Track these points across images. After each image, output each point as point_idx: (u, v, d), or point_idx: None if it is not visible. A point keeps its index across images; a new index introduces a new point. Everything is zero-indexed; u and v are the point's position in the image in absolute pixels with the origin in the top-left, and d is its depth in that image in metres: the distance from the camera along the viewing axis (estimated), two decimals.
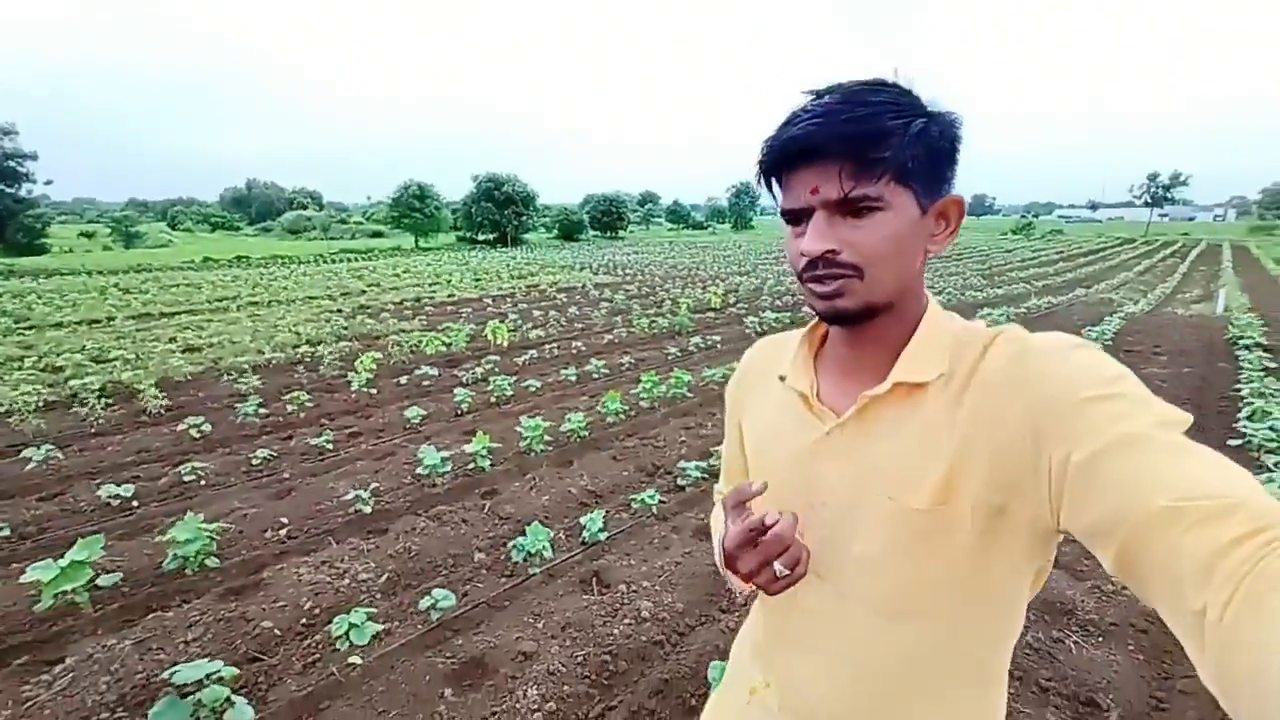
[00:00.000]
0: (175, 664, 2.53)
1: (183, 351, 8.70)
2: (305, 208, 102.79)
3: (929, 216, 0.60)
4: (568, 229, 54.22)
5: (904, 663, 0.65)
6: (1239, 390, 5.74)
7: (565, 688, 2.37)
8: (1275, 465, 3.76)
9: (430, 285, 17.43)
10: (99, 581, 2.89)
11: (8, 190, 32.62)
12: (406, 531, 3.60)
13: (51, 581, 2.71)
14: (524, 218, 46.10)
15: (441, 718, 2.24)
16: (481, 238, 46.00)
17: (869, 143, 0.54)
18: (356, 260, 32.52)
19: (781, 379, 0.72)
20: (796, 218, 0.60)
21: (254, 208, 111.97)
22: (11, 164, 33.07)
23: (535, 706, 2.28)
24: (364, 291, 16.44)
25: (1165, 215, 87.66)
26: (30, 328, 11.61)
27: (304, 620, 2.83)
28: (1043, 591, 1.94)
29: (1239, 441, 4.28)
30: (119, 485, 4.05)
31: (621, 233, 60.34)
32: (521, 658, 2.55)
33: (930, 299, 0.65)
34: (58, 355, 8.59)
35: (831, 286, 0.59)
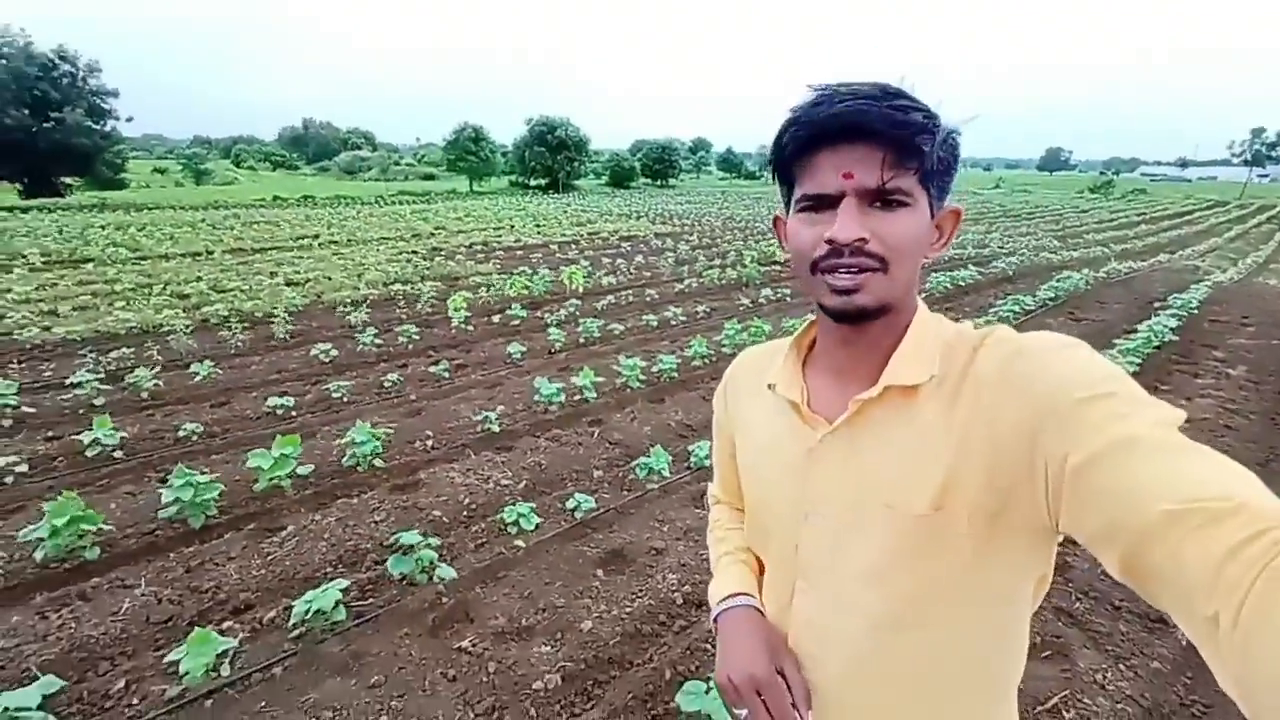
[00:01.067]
0: (372, 537, 3.12)
1: (287, 285, 9.45)
2: (359, 148, 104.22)
3: (933, 223, 0.60)
4: (619, 176, 53.69)
5: (906, 676, 0.63)
6: None
7: (696, 577, 2.84)
8: None
9: (495, 230, 17.91)
10: (299, 471, 3.49)
11: (95, 126, 34.34)
12: (530, 449, 4.11)
13: (270, 468, 3.32)
14: (576, 163, 45.86)
15: (598, 591, 2.74)
16: (534, 183, 46.12)
17: (914, 132, 0.54)
18: (415, 203, 33.26)
19: (771, 387, 0.71)
20: (819, 203, 0.58)
21: (311, 147, 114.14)
22: (97, 100, 34.75)
23: (674, 589, 2.76)
24: (432, 234, 17.04)
25: (1266, 176, 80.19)
26: (143, 258, 12.65)
27: (465, 512, 3.37)
28: None
29: None
30: (280, 397, 4.70)
31: (673, 181, 59.38)
32: (654, 552, 3.03)
33: (919, 302, 0.65)
34: (179, 285, 9.47)
35: (853, 280, 0.57)
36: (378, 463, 3.78)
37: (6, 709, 1.73)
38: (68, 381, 4.99)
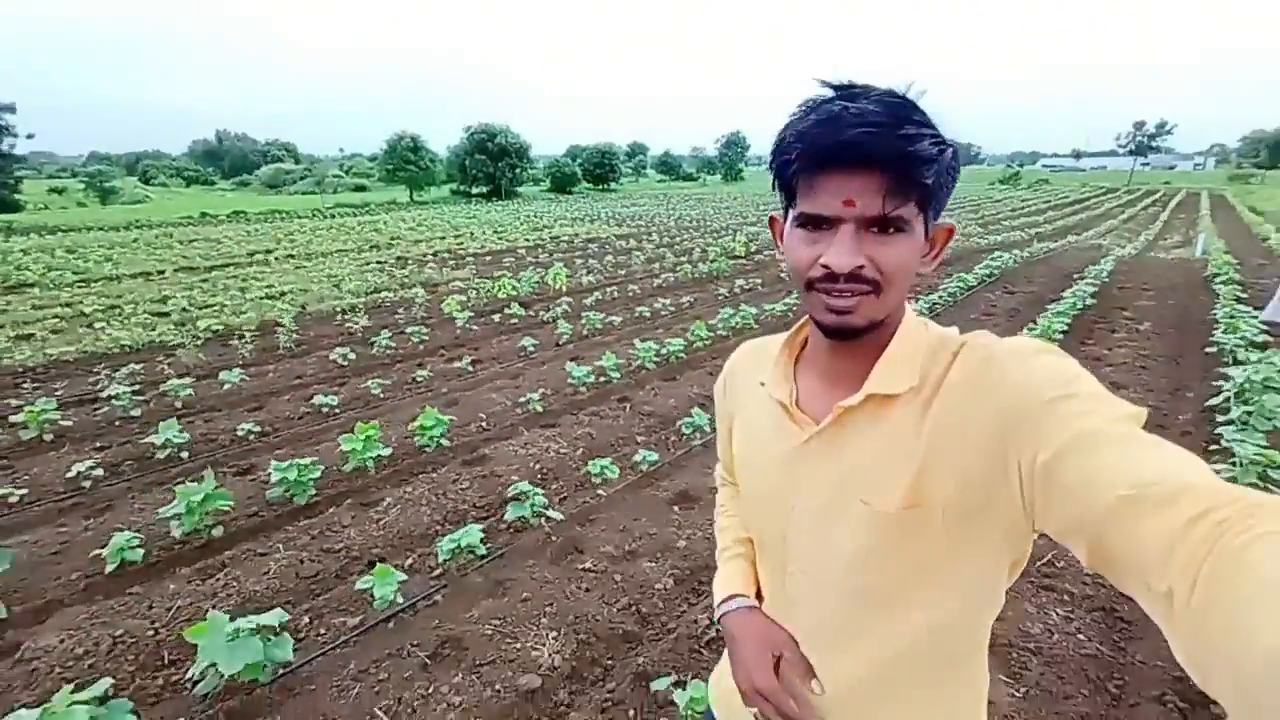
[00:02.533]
0: (464, 500, 3.54)
1: (267, 298, 9.44)
2: (280, 160, 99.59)
3: (926, 240, 0.61)
4: (561, 182, 53.94)
5: (884, 650, 0.67)
6: (1214, 315, 6.85)
7: None
8: (1244, 382, 4.83)
9: (455, 238, 17.99)
10: (381, 452, 3.84)
11: None
12: (574, 424, 4.58)
13: (361, 450, 3.67)
14: (518, 170, 45.80)
15: (678, 522, 3.27)
16: (475, 190, 45.73)
17: (919, 165, 0.54)
18: (355, 215, 32.45)
19: (762, 385, 0.74)
20: (817, 223, 0.59)
21: (226, 161, 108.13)
22: None
23: None
24: (390, 245, 16.97)
25: (1147, 164, 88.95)
26: (88, 281, 12.12)
27: (539, 476, 3.82)
28: None
29: (1214, 349, 5.38)
30: (325, 396, 4.97)
31: (613, 185, 60.07)
32: (712, 490, 3.57)
33: (906, 308, 0.66)
34: (148, 304, 9.28)
35: (848, 302, 0.59)
36: (444, 442, 4.17)
37: (261, 626, 2.09)
38: (103, 395, 5.07)
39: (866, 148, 0.53)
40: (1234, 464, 3.21)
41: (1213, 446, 3.70)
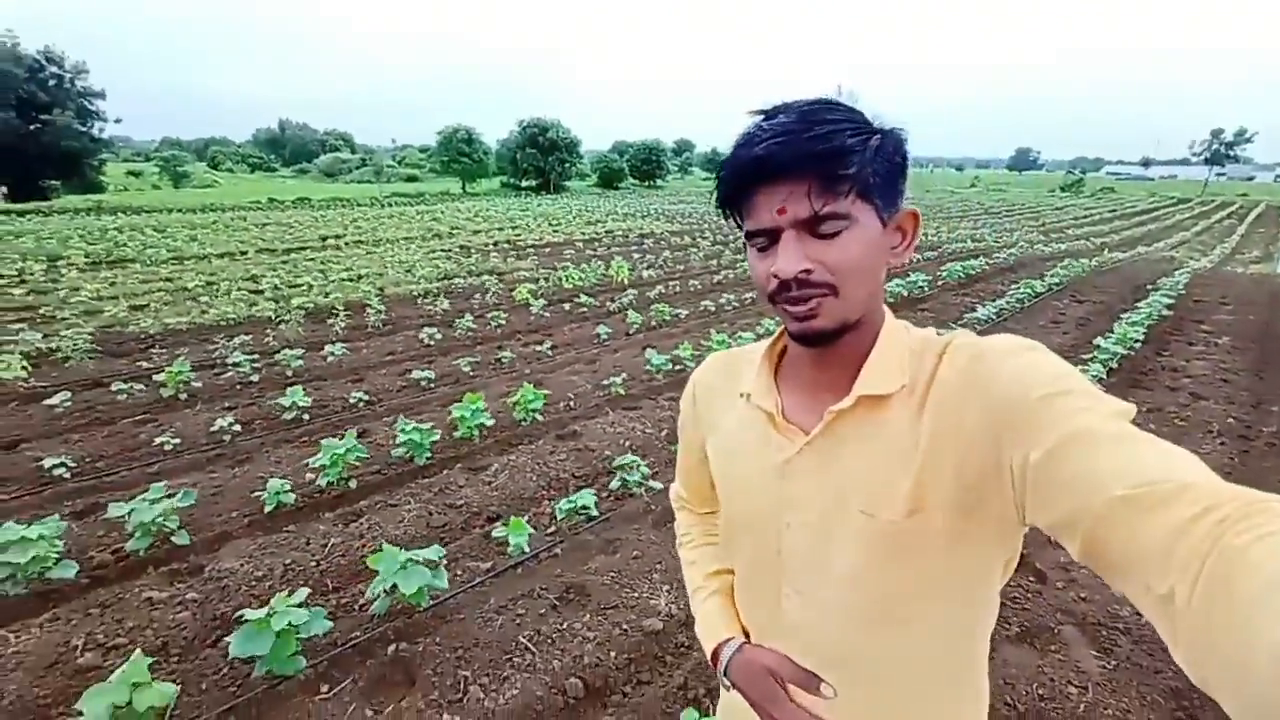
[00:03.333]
0: (565, 469, 3.84)
1: (347, 280, 10.02)
2: (338, 150, 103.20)
3: (889, 230, 0.61)
4: (608, 177, 54.38)
5: (888, 668, 0.66)
6: None
7: None
8: None
9: (513, 229, 18.52)
10: (485, 422, 4.18)
11: (83, 129, 33.98)
12: (654, 407, 4.85)
13: (470, 416, 4.01)
14: (567, 164, 46.42)
15: None
16: (525, 184, 46.58)
17: (834, 159, 0.55)
18: (411, 204, 33.56)
19: (746, 397, 0.72)
20: (762, 239, 0.60)
21: (287, 149, 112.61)
22: (84, 102, 34.39)
23: None
24: (452, 234, 17.59)
25: (1223, 174, 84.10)
26: (182, 258, 13.02)
27: (630, 449, 4.09)
28: None
29: None
30: (420, 370, 5.36)
31: (659, 181, 60.22)
32: None
33: (886, 312, 0.66)
34: (242, 282, 9.97)
35: (806, 307, 0.58)
36: (539, 417, 4.49)
37: (426, 558, 2.41)
38: (228, 361, 5.59)
39: (777, 157, 0.55)
40: None
41: None
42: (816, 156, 0.54)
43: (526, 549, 2.86)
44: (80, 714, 1.78)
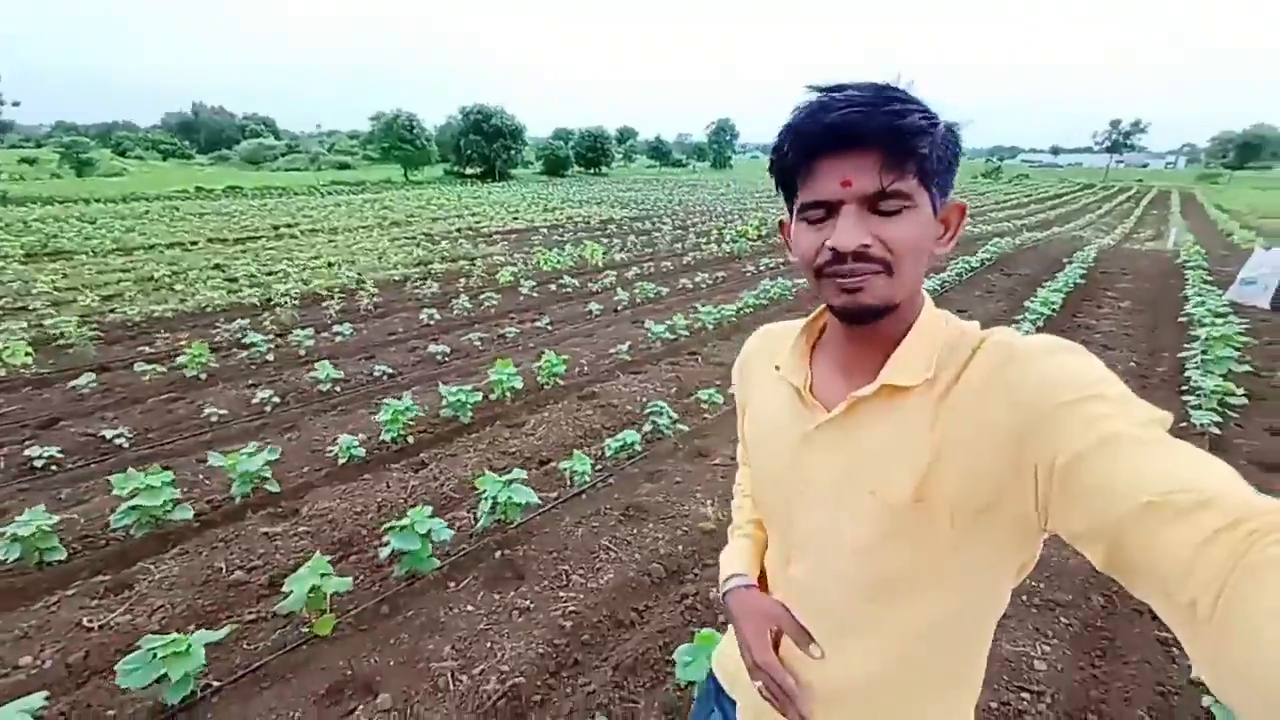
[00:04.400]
0: (595, 421, 4.35)
1: (322, 267, 10.04)
2: (259, 135, 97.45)
3: (937, 219, 0.61)
4: (553, 164, 54.07)
5: (887, 642, 0.67)
6: (1185, 294, 7.90)
7: None
8: (1206, 337, 5.80)
9: (472, 217, 18.54)
10: (516, 385, 4.63)
11: None
12: (659, 371, 5.41)
13: (505, 380, 4.46)
14: (513, 151, 45.91)
15: None
16: (469, 171, 45.77)
17: (910, 136, 0.54)
18: (353, 193, 32.52)
19: (777, 369, 0.74)
20: (819, 210, 0.59)
21: (202, 135, 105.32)
22: None
23: None
24: (409, 222, 17.47)
25: (1121, 161, 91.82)
26: (127, 250, 12.49)
27: (646, 409, 4.64)
28: None
29: (1185, 319, 6.40)
30: (441, 346, 5.72)
31: (604, 169, 60.35)
32: None
33: (926, 299, 0.66)
34: (212, 270, 9.82)
35: (857, 281, 0.58)
36: (560, 382, 4.97)
37: (500, 492, 2.89)
38: (243, 342, 5.76)
39: (854, 125, 0.54)
40: (1199, 395, 4.17)
41: (1183, 387, 4.68)
42: (893, 131, 0.54)
43: (588, 478, 3.37)
44: (288, 593, 2.20)
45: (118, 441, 3.92)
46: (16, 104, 34.93)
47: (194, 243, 13.41)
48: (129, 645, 2.31)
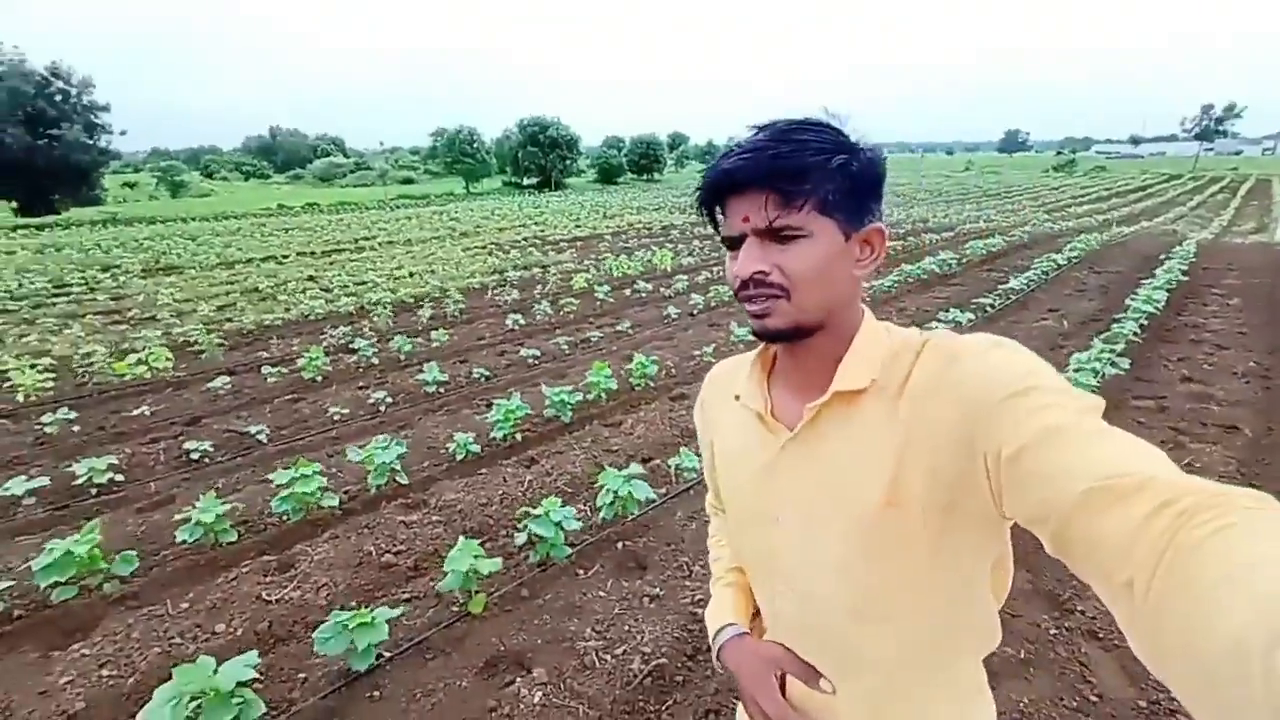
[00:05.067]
0: (690, 424, 4.45)
1: (409, 276, 10.60)
2: (330, 155, 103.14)
3: (853, 243, 0.64)
4: (607, 172, 54.83)
5: (878, 664, 0.68)
6: None
7: None
8: None
9: (537, 226, 19.10)
10: (611, 387, 4.80)
11: (91, 142, 34.27)
12: None
13: (602, 381, 4.63)
14: (568, 161, 46.87)
15: None
16: (527, 182, 47.02)
17: (789, 177, 0.59)
18: (419, 206, 34.01)
19: (737, 398, 0.75)
20: (733, 244, 0.64)
21: (280, 156, 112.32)
22: (91, 116, 34.66)
23: None
24: (476, 232, 18.17)
25: (1211, 149, 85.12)
26: (230, 264, 13.55)
27: None
28: None
29: None
30: (532, 348, 5.98)
31: (657, 175, 60.72)
32: None
33: (866, 313, 0.69)
34: (306, 282, 10.54)
35: (761, 306, 0.63)
36: (650, 383, 5.11)
37: (621, 486, 3.02)
38: (350, 347, 6.19)
39: (740, 172, 0.60)
40: None
41: None
42: (773, 174, 0.59)
43: (696, 473, 3.48)
44: (446, 573, 2.40)
45: (259, 437, 4.31)
46: (123, 133, 38.08)
47: (285, 257, 14.38)
48: (303, 618, 2.58)
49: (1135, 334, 5.61)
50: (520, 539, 2.91)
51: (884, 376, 0.63)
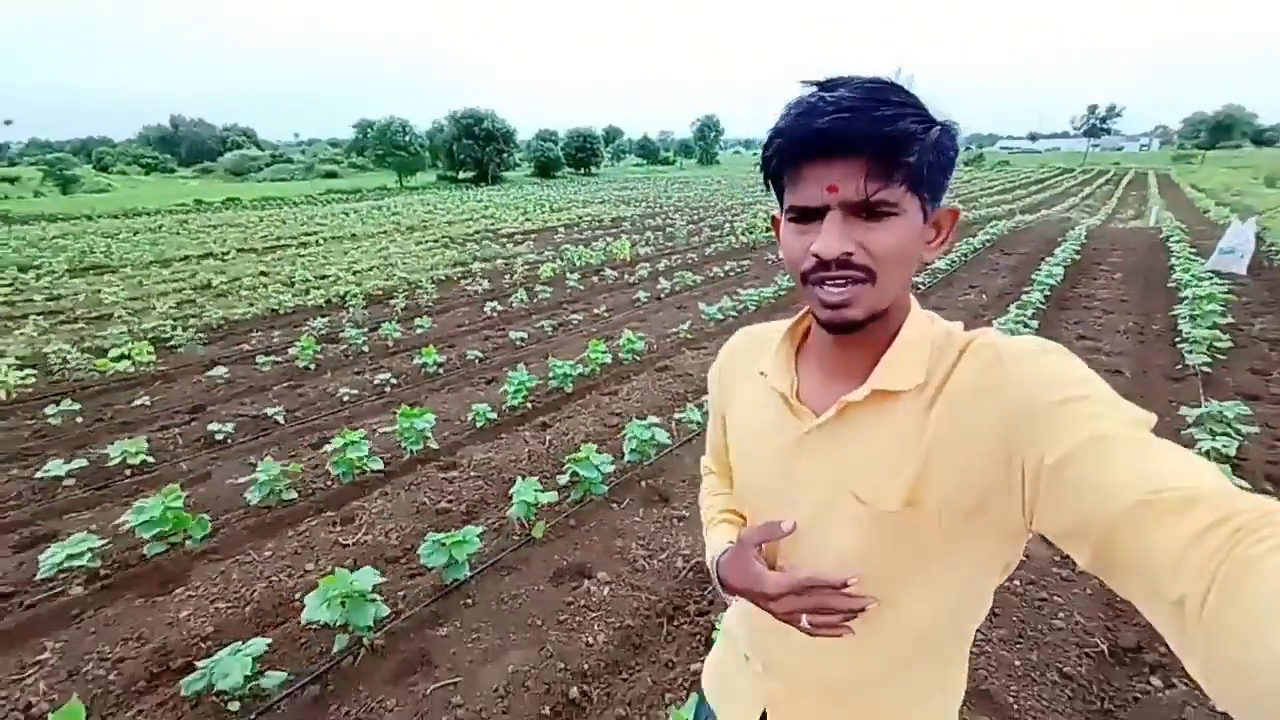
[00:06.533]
0: (677, 391, 5.02)
1: (368, 269, 10.61)
2: (241, 147, 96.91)
3: (928, 224, 0.60)
4: (544, 165, 54.54)
5: (875, 646, 0.67)
6: (1172, 264, 8.70)
7: None
8: (1193, 296, 6.55)
9: (486, 219, 19.11)
10: (605, 361, 5.28)
11: None
12: (715, 347, 6.03)
13: (598, 356, 5.11)
14: (505, 155, 46.36)
15: None
16: (462, 175, 46.16)
17: (898, 145, 0.53)
18: (353, 201, 32.87)
19: (763, 374, 0.72)
20: (805, 215, 0.58)
21: (183, 147, 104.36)
22: None
23: None
24: (425, 227, 18.01)
25: (1097, 145, 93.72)
26: (165, 262, 12.97)
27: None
28: None
29: (1173, 285, 7.17)
30: (519, 331, 6.36)
31: (594, 169, 60.88)
32: None
33: (912, 301, 0.65)
34: (263, 278, 10.36)
35: (841, 292, 0.57)
36: (637, 357, 5.63)
37: (643, 433, 3.54)
38: (340, 336, 6.37)
39: (840, 132, 0.53)
40: (1191, 343, 4.91)
41: (1176, 339, 5.43)
42: (880, 139, 0.53)
43: (699, 425, 4.05)
44: (515, 503, 2.85)
45: (277, 418, 4.53)
46: (9, 122, 34.54)
47: (225, 254, 13.88)
48: (381, 554, 2.96)
49: (1041, 303, 6.62)
50: (562, 480, 3.37)
51: (926, 378, 0.61)
